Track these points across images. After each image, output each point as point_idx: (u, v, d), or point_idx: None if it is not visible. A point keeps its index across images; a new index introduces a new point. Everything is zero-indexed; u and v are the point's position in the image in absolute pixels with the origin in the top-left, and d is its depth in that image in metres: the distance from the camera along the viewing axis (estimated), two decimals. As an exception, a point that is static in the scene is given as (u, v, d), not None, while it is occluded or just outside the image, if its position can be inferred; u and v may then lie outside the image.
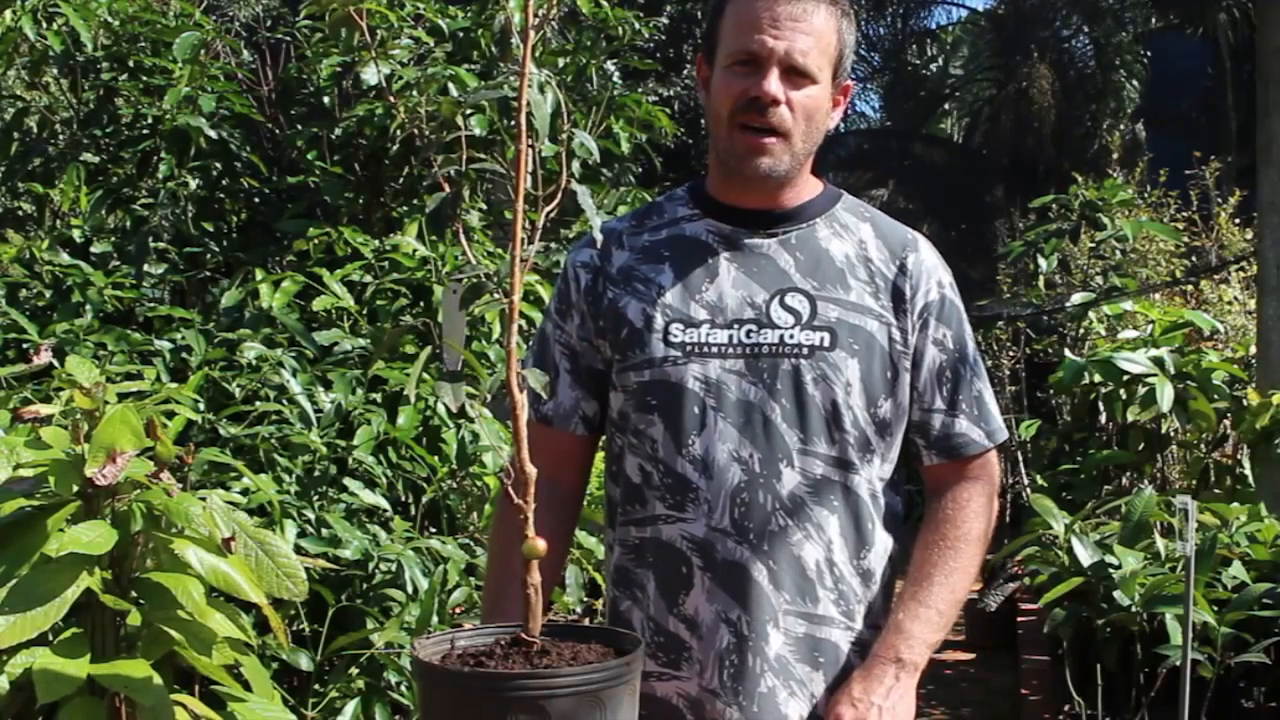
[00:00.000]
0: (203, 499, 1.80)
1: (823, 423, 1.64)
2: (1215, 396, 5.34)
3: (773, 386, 1.64)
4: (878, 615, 1.71)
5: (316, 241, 3.71)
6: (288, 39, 4.26)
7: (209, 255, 3.94)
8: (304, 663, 2.78)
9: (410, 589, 2.92)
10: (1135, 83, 15.01)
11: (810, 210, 1.73)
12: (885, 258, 1.71)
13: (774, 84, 1.62)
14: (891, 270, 1.71)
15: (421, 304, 3.69)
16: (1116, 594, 3.80)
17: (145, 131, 3.92)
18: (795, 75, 1.62)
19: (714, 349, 1.66)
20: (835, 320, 1.66)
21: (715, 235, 1.72)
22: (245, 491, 2.70)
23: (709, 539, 1.64)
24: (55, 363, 2.42)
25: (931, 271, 1.73)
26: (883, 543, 1.71)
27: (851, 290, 1.68)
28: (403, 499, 3.27)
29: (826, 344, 1.65)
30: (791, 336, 1.65)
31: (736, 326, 1.66)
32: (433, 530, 3.38)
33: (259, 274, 3.59)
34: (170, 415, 2.58)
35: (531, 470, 1.41)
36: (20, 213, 4.56)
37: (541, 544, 1.44)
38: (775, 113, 1.63)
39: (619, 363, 1.71)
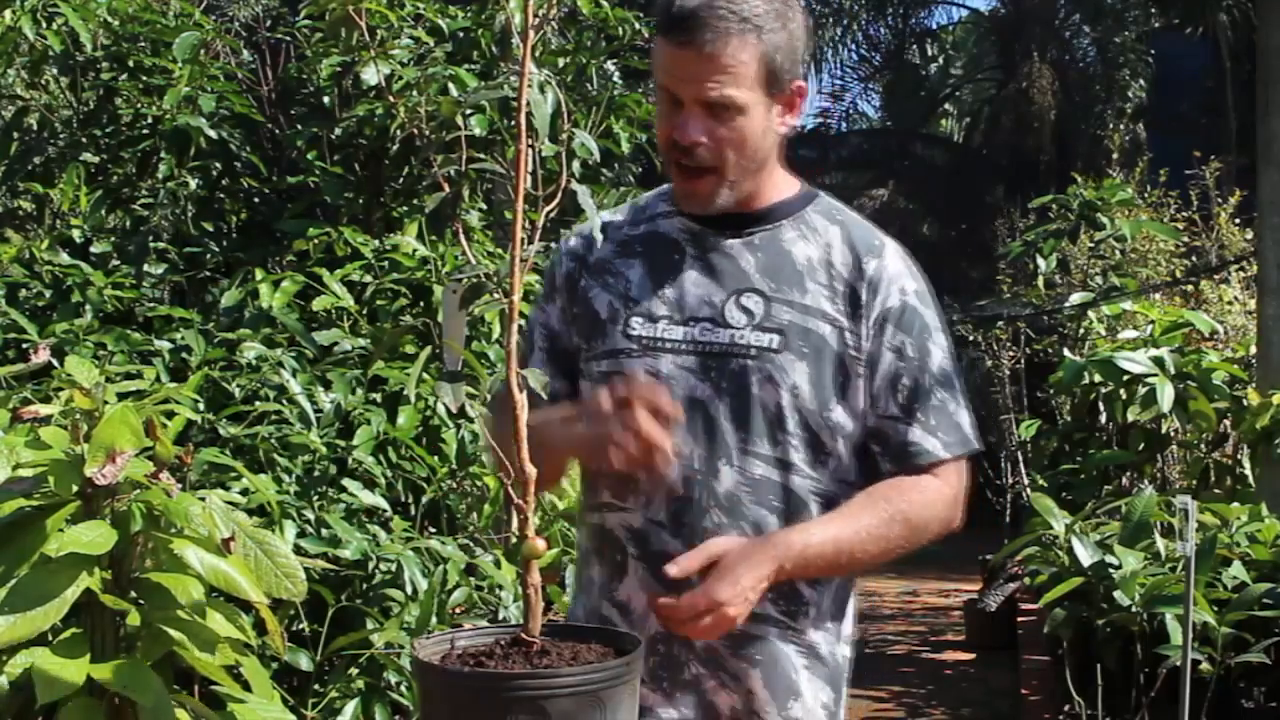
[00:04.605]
0: (202, 499, 1.80)
1: (766, 424, 1.65)
2: (1215, 396, 5.34)
3: (720, 385, 1.66)
4: (825, 617, 1.71)
5: (316, 241, 3.71)
6: (288, 39, 4.26)
7: (209, 255, 3.94)
8: (304, 663, 2.78)
9: (410, 589, 2.92)
10: (1142, 81, 14.99)
11: (779, 212, 1.74)
12: (848, 262, 1.71)
13: (692, 129, 1.63)
14: (851, 275, 1.70)
15: (421, 304, 3.69)
16: (1116, 594, 3.81)
17: (145, 131, 3.92)
18: (719, 110, 1.63)
19: (668, 344, 1.68)
20: (787, 323, 1.67)
21: (685, 234, 1.73)
22: (245, 491, 2.70)
23: (645, 529, 1.66)
24: (55, 363, 2.42)
25: (894, 279, 1.71)
26: None
27: (808, 293, 1.68)
28: (403, 499, 3.27)
29: (775, 346, 1.66)
30: (742, 337, 1.66)
31: (693, 324, 1.68)
32: (432, 530, 3.37)
33: (259, 274, 3.59)
34: (170, 415, 2.57)
35: (531, 470, 1.42)
36: (20, 213, 4.55)
37: (541, 544, 1.45)
38: (697, 154, 1.64)
39: (585, 352, 1.75)
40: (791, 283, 1.69)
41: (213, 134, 3.87)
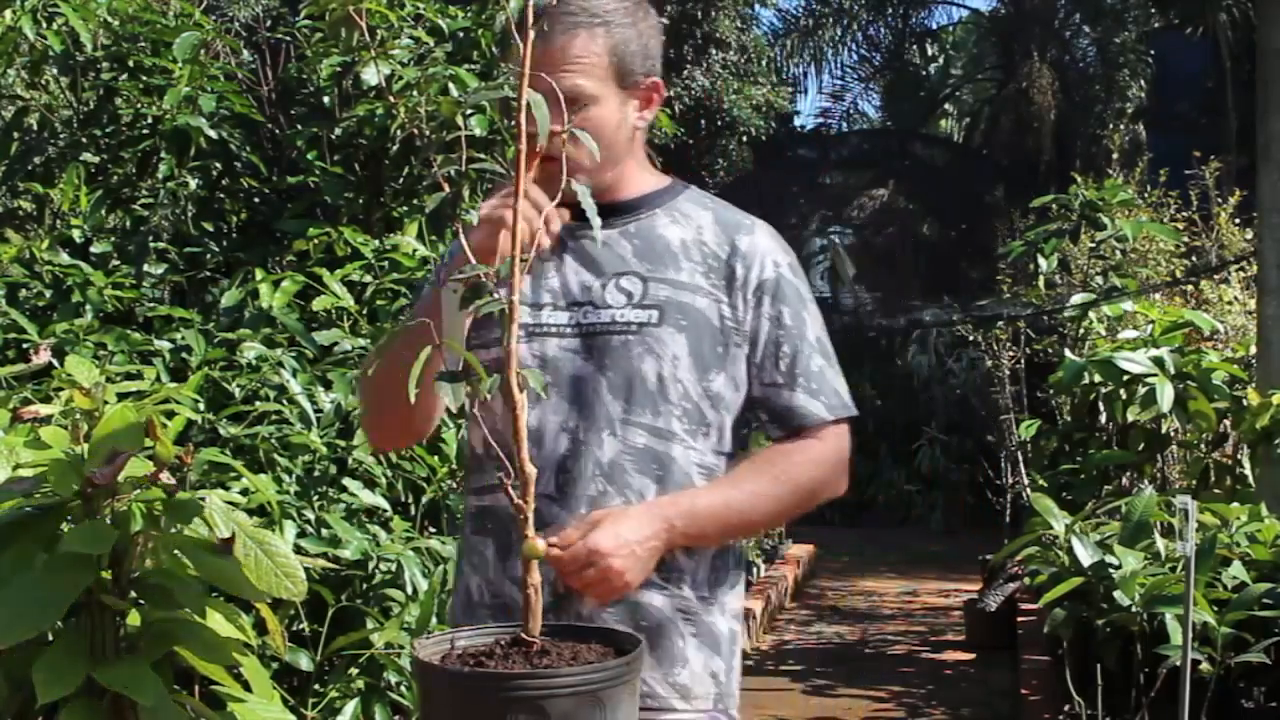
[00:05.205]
0: (202, 499, 1.80)
1: (648, 395, 1.72)
2: (1215, 396, 5.34)
3: (602, 362, 1.72)
4: (703, 587, 1.76)
5: (316, 241, 3.71)
6: (288, 39, 4.25)
7: (209, 255, 3.94)
8: (304, 663, 2.78)
9: (410, 589, 2.93)
10: (1142, 81, 14.99)
11: (650, 202, 1.82)
12: (719, 240, 1.79)
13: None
14: (725, 251, 1.78)
15: (421, 304, 3.68)
16: (1116, 594, 3.81)
17: (145, 131, 3.91)
18: (570, 101, 1.68)
19: (553, 329, 1.75)
20: (665, 299, 1.74)
21: (564, 229, 1.77)
22: (245, 491, 2.70)
23: (536, 504, 1.68)
24: (55, 363, 2.42)
25: (767, 253, 1.80)
26: None
27: (683, 271, 1.76)
28: (403, 499, 3.27)
29: (655, 321, 1.73)
30: (623, 315, 1.74)
31: (575, 309, 1.75)
32: (433, 530, 3.38)
33: (259, 274, 3.59)
34: (170, 415, 2.57)
35: (531, 470, 1.42)
36: (20, 213, 4.55)
37: (541, 544, 1.45)
38: (553, 144, 1.66)
39: (473, 339, 1.79)
40: (666, 263, 1.77)
41: (213, 134, 3.87)
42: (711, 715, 1.76)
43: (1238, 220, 8.26)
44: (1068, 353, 6.25)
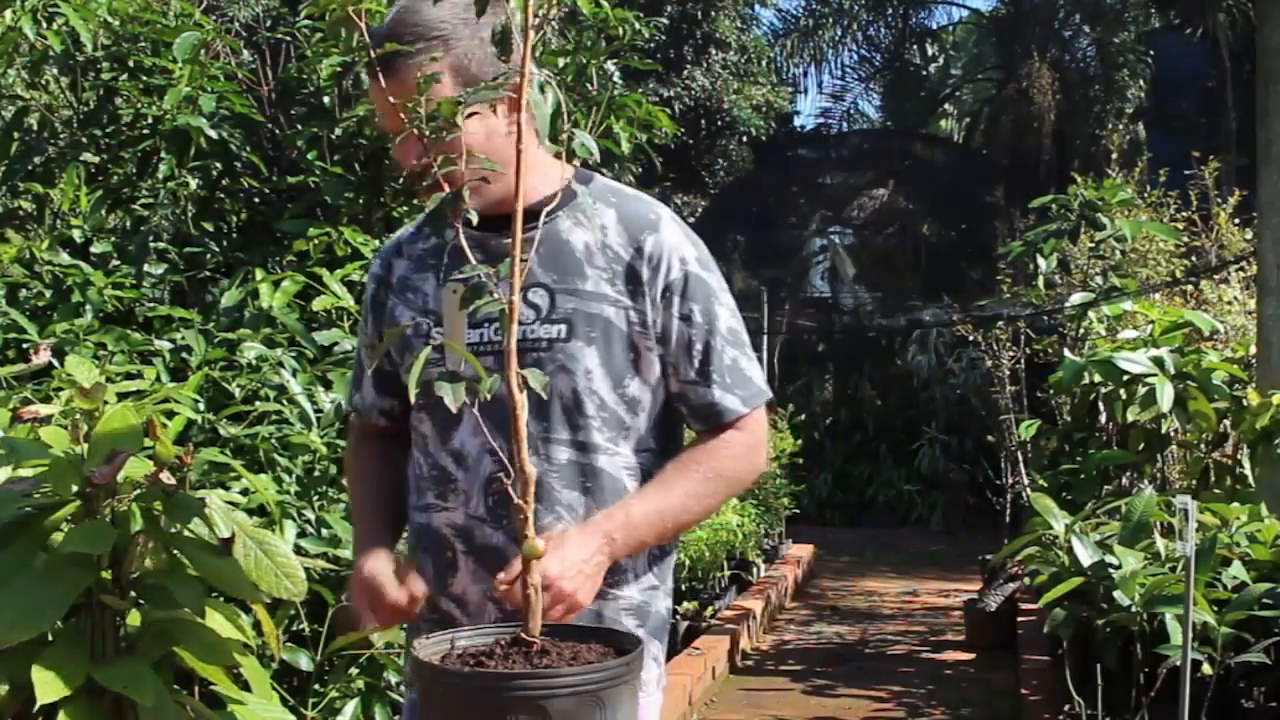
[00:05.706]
0: (202, 499, 1.80)
1: (563, 411, 1.74)
2: (1215, 396, 5.33)
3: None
4: (641, 575, 1.80)
5: (316, 241, 3.71)
6: (288, 39, 4.25)
7: (209, 255, 3.94)
8: (304, 663, 2.78)
9: (410, 589, 2.92)
10: (1141, 81, 15.00)
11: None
12: (624, 242, 1.78)
13: (409, 154, 1.68)
14: (629, 254, 1.77)
15: (421, 304, 3.68)
16: (1116, 594, 3.81)
17: (145, 131, 3.91)
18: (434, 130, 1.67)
19: (467, 348, 1.75)
20: (572, 311, 1.74)
21: (470, 241, 1.73)
22: (245, 491, 2.70)
23: (468, 525, 1.75)
24: (55, 363, 2.42)
25: (673, 251, 1.78)
26: None
27: (588, 280, 1.76)
28: (403, 499, 3.27)
29: (564, 335, 1.74)
30: (532, 331, 1.74)
31: (486, 325, 1.75)
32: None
33: (259, 274, 3.59)
34: (170, 415, 2.58)
35: (531, 470, 1.43)
36: (20, 213, 4.55)
37: (541, 543, 1.45)
38: (428, 173, 1.65)
39: (399, 365, 1.83)
40: (572, 272, 1.76)
41: (213, 134, 3.87)
42: (655, 698, 1.81)
43: (1238, 220, 8.27)
44: (1068, 353, 6.24)
